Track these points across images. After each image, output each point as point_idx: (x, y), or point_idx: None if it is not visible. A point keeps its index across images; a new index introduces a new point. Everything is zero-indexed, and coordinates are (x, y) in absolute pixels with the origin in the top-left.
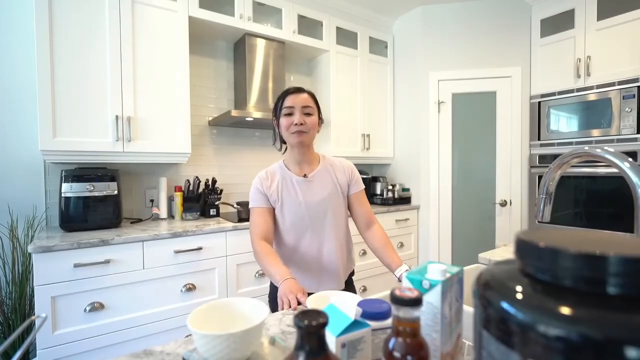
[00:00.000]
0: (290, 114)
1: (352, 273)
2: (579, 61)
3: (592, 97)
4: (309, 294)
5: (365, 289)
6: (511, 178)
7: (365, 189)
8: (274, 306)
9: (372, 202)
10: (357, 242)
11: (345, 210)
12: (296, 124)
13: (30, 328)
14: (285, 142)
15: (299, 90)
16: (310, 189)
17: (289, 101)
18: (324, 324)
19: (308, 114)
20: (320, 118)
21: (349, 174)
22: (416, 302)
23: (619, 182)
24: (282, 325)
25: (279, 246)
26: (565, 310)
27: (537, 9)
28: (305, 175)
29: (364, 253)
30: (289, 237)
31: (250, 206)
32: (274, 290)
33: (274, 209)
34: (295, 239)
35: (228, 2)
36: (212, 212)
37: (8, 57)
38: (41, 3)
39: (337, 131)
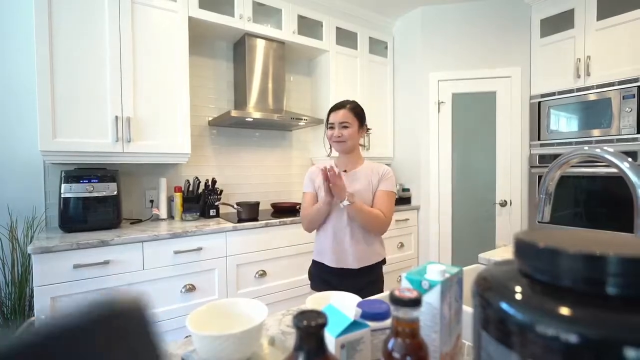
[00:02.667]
0: (332, 128)
1: (380, 264)
2: (579, 61)
3: (592, 97)
4: (329, 268)
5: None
6: (511, 178)
7: None
8: (317, 285)
9: None
10: None
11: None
12: (336, 136)
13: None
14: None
15: (338, 107)
16: (349, 182)
17: (331, 118)
18: (323, 325)
19: (345, 127)
20: (363, 125)
21: (381, 174)
22: (415, 303)
23: (619, 182)
24: (282, 326)
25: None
26: (564, 310)
27: (537, 9)
28: (345, 170)
29: None
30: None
31: (303, 191)
32: (315, 271)
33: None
34: (326, 220)
35: (228, 2)
36: (212, 212)
37: (7, 57)
38: (41, 3)
39: None
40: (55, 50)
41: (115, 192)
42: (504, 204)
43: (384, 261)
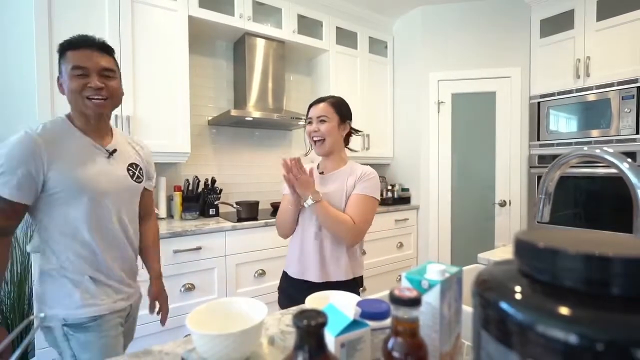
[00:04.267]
0: (310, 123)
1: (350, 284)
2: (579, 62)
3: (591, 98)
4: (291, 280)
5: (364, 289)
6: (510, 178)
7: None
8: (282, 301)
9: None
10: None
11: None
12: (312, 130)
13: (28, 328)
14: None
15: (318, 101)
16: (321, 185)
17: (310, 112)
18: (323, 324)
19: (322, 121)
20: (345, 122)
21: (359, 175)
22: (415, 302)
23: (618, 183)
24: (281, 325)
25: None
26: (564, 310)
27: (537, 9)
28: (322, 172)
29: (363, 253)
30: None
31: (282, 193)
32: (282, 284)
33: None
34: (299, 225)
35: (228, 1)
36: (212, 211)
37: (7, 57)
38: (40, 2)
39: None
40: (55, 49)
41: None
42: (503, 204)
43: (356, 282)
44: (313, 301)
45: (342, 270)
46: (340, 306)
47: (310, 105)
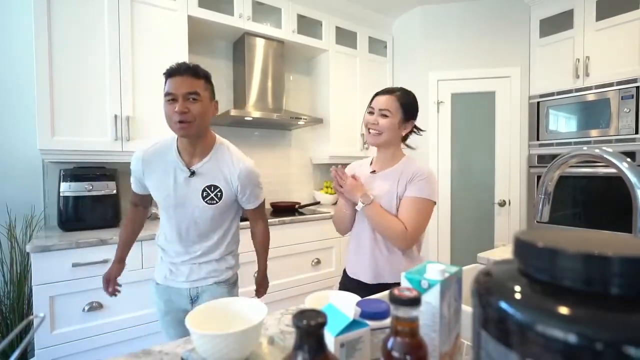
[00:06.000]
0: (371, 113)
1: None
2: (578, 61)
3: (590, 98)
4: (348, 279)
5: None
6: (510, 178)
7: None
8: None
9: None
10: None
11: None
12: (371, 123)
13: (28, 328)
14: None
15: (385, 92)
16: (371, 184)
17: (373, 102)
18: (323, 324)
19: (384, 115)
20: (409, 121)
21: (411, 176)
22: (415, 302)
23: (618, 182)
24: (281, 325)
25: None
26: (563, 310)
27: (536, 9)
28: (374, 171)
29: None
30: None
31: None
32: (343, 281)
33: None
34: (355, 223)
35: (227, 1)
36: None
37: (6, 56)
38: (40, 2)
39: (336, 131)
40: (55, 49)
41: (115, 191)
42: (502, 203)
43: None
44: (313, 301)
45: (397, 272)
46: (340, 306)
47: (376, 94)
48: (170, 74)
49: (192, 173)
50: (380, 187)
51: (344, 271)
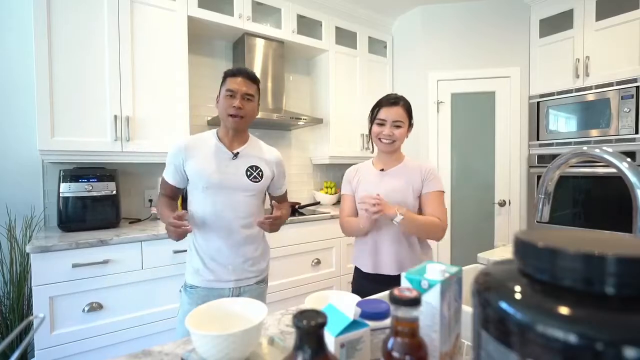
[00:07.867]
0: (381, 125)
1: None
2: (578, 61)
3: (590, 98)
4: (366, 274)
5: None
6: (510, 178)
7: None
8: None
9: None
10: None
11: (414, 207)
12: (387, 134)
13: (28, 328)
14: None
15: (392, 102)
16: (382, 181)
17: (382, 113)
18: (323, 324)
19: (398, 126)
20: (411, 123)
21: (425, 173)
22: (415, 302)
23: (618, 182)
24: (281, 325)
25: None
26: (563, 310)
27: (536, 9)
28: (382, 169)
29: None
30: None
31: (342, 192)
32: (356, 279)
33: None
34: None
35: (227, 1)
36: None
37: (6, 56)
38: (39, 2)
39: (336, 131)
40: (54, 49)
41: (114, 192)
42: (503, 203)
43: None
44: (313, 301)
45: (417, 259)
46: (340, 306)
47: (382, 105)
48: (234, 74)
49: (236, 154)
50: (390, 183)
51: (357, 269)
